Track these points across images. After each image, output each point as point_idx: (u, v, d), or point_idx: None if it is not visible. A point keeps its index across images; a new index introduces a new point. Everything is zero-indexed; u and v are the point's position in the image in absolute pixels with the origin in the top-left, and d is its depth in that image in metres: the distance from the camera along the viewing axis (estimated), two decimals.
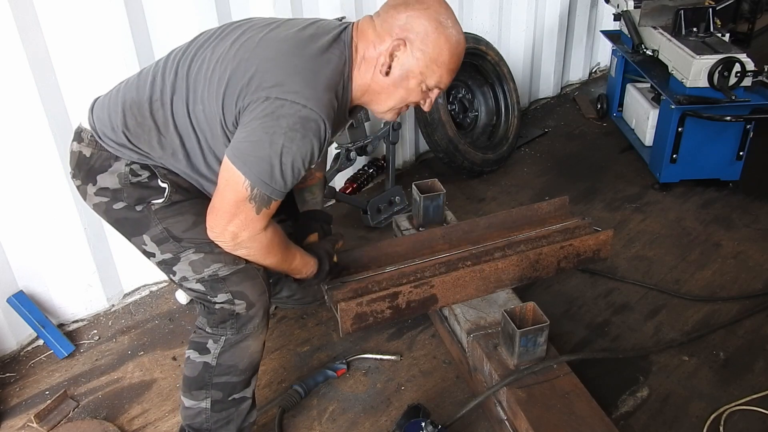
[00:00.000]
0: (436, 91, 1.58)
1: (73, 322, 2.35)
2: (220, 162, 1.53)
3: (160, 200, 1.55)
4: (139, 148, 1.54)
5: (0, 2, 1.83)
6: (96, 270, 2.32)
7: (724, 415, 1.94)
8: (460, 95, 3.32)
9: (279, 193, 1.45)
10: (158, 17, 2.20)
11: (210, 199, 1.54)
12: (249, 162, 1.40)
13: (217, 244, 1.53)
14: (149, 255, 1.61)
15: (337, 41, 1.51)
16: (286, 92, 1.39)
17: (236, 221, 1.46)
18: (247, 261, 1.59)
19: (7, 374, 2.14)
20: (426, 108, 1.61)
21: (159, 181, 1.55)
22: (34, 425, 1.93)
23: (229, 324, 1.62)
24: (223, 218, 1.46)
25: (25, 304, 2.17)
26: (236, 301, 1.59)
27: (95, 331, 2.33)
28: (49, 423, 1.95)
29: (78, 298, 2.33)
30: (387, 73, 1.51)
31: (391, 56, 1.49)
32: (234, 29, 1.56)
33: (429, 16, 1.47)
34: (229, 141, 1.48)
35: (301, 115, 1.39)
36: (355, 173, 3.04)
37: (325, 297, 1.98)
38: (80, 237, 2.23)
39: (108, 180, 1.56)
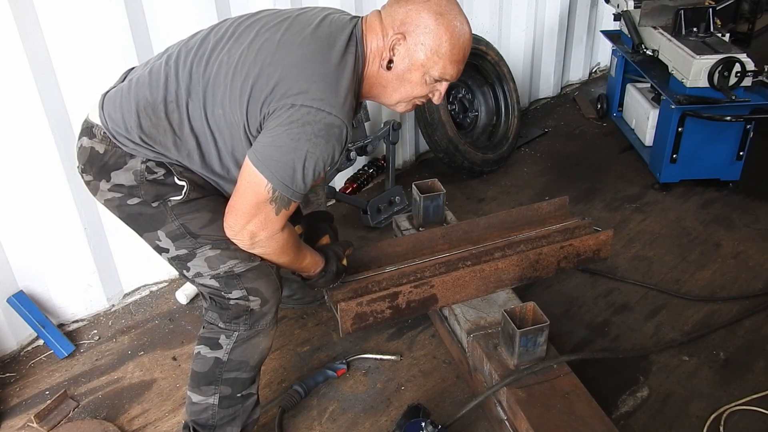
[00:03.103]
0: (444, 84, 1.59)
1: (73, 322, 2.35)
2: (237, 163, 1.55)
3: (178, 197, 1.55)
4: (154, 148, 1.54)
5: (0, 2, 1.83)
6: (96, 270, 2.32)
7: (724, 415, 1.94)
8: (460, 95, 3.32)
9: (299, 195, 1.48)
10: (158, 17, 2.20)
11: (225, 197, 1.56)
12: (272, 166, 1.42)
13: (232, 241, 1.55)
14: (162, 250, 1.61)
15: (351, 40, 1.52)
16: (312, 99, 1.41)
17: (255, 221, 1.48)
18: (261, 258, 1.60)
19: (7, 374, 2.14)
20: (436, 101, 1.63)
21: (175, 178, 1.55)
22: (34, 425, 1.93)
23: (242, 320, 1.63)
24: (243, 218, 1.48)
25: (25, 304, 2.17)
26: (251, 298, 1.61)
27: (95, 331, 2.33)
28: (49, 423, 1.95)
29: (78, 298, 2.33)
30: (389, 68, 1.54)
31: (392, 50, 1.52)
32: (247, 28, 1.54)
33: (429, 9, 1.49)
34: (251, 144, 1.49)
35: (326, 122, 1.42)
36: (355, 173, 3.04)
37: (325, 297, 1.99)
38: (80, 237, 2.23)
39: (123, 177, 1.55)
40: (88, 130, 1.60)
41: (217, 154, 1.56)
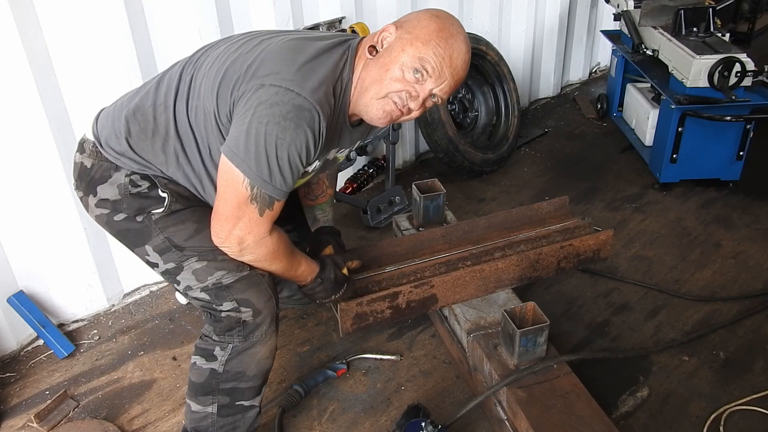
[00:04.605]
0: (425, 87, 1.47)
1: (73, 322, 2.35)
2: (216, 165, 1.52)
3: (160, 210, 1.54)
4: (140, 156, 1.54)
5: (0, 2, 1.83)
6: (96, 270, 2.32)
7: (724, 415, 1.94)
8: (460, 95, 3.32)
9: (280, 192, 1.43)
10: (158, 16, 2.19)
11: (211, 207, 1.53)
12: (246, 158, 1.38)
13: (221, 252, 1.52)
14: (153, 265, 1.61)
15: (341, 44, 1.51)
16: (281, 80, 1.38)
17: (240, 225, 1.45)
18: (251, 267, 1.57)
19: (7, 374, 2.14)
20: (414, 107, 1.51)
21: (159, 191, 1.54)
22: (34, 425, 1.93)
23: (236, 332, 1.60)
24: (228, 222, 1.45)
25: (25, 304, 2.17)
26: (242, 309, 1.58)
27: (95, 331, 2.33)
28: (49, 423, 1.95)
29: (78, 298, 2.33)
30: (373, 53, 1.48)
31: (381, 40, 1.49)
32: (241, 34, 1.58)
33: (430, 12, 1.50)
34: (224, 138, 1.46)
35: (294, 104, 1.37)
36: (355, 173, 3.04)
37: None
38: (80, 237, 2.23)
39: (108, 191, 1.55)
40: (80, 145, 1.62)
41: (200, 155, 1.55)
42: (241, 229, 1.45)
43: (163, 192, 1.54)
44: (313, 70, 1.42)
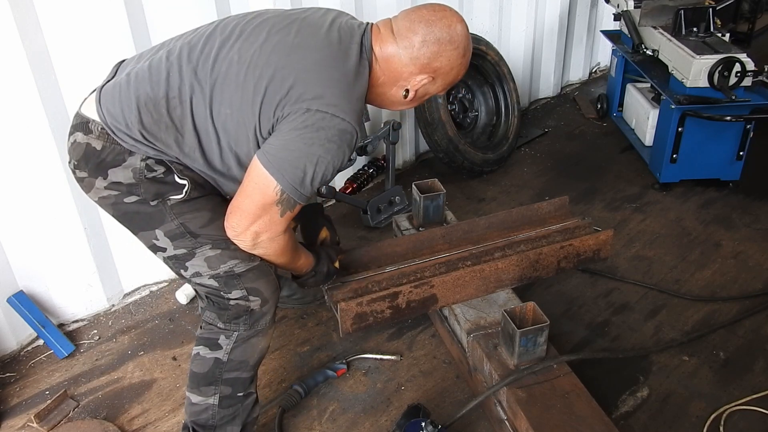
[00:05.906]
0: None
1: (73, 322, 2.35)
2: (238, 161, 1.55)
3: (179, 196, 1.54)
4: (155, 145, 1.52)
5: (0, 2, 1.83)
6: (96, 270, 2.32)
7: (724, 415, 1.94)
8: (460, 95, 3.32)
9: (305, 198, 1.50)
10: (158, 16, 2.20)
11: (223, 196, 1.57)
12: (284, 169, 1.44)
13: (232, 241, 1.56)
14: (159, 249, 1.60)
15: (362, 50, 1.54)
16: (327, 105, 1.44)
17: (260, 222, 1.49)
18: (260, 258, 1.61)
19: (7, 374, 2.14)
20: None
21: (176, 177, 1.54)
22: (34, 425, 1.93)
23: (242, 320, 1.63)
24: (247, 219, 1.49)
25: (25, 304, 2.17)
26: (251, 298, 1.61)
27: (95, 331, 2.33)
28: (49, 423, 1.95)
29: (78, 298, 2.33)
30: (407, 96, 1.62)
31: (418, 87, 1.60)
32: (256, 28, 1.53)
33: (458, 53, 1.56)
34: (258, 145, 1.50)
35: (339, 128, 1.44)
36: (355, 173, 3.04)
37: (325, 297, 1.99)
38: (80, 237, 2.23)
39: (121, 175, 1.52)
40: (82, 125, 1.55)
41: (219, 152, 1.55)
42: (259, 226, 1.49)
43: (181, 179, 1.54)
44: (350, 89, 1.49)
